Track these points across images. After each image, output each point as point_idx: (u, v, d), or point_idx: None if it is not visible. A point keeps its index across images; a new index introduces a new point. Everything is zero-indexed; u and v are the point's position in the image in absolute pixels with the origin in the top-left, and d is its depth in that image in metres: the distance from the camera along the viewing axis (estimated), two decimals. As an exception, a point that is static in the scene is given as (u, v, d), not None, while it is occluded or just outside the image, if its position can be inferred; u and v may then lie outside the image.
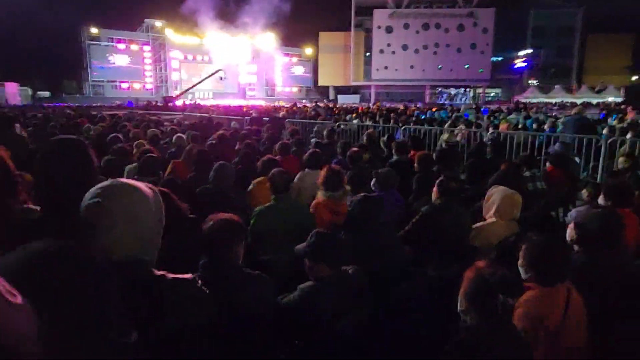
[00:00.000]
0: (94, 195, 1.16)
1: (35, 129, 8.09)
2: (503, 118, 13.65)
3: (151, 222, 1.23)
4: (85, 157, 1.50)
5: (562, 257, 2.00)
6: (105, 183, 1.20)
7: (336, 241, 2.21)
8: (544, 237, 2.05)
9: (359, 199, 2.80)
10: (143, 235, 1.19)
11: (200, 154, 4.76)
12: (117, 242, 1.14)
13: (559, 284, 1.95)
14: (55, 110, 19.55)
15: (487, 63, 63.52)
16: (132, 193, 1.19)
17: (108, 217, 1.12)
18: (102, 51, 53.94)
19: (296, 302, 2.09)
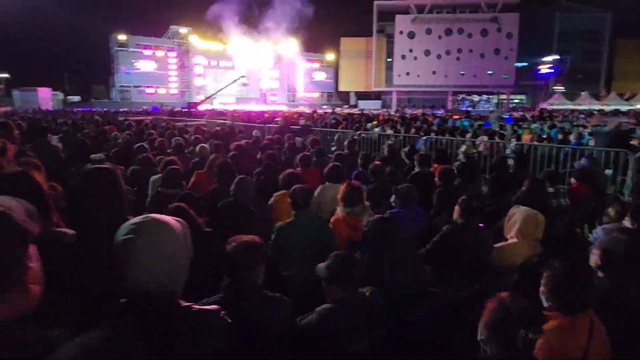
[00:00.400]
0: (127, 231, 1.24)
1: (65, 136, 8.38)
2: (527, 127, 13.42)
3: (180, 255, 1.30)
4: (116, 187, 1.58)
5: (586, 285, 1.96)
6: (138, 219, 1.28)
7: (352, 264, 2.23)
8: (566, 264, 2.02)
9: (374, 220, 2.82)
10: (172, 268, 1.26)
11: (222, 166, 4.84)
12: (147, 276, 1.21)
13: (581, 314, 1.92)
14: (84, 116, 20.16)
15: (511, 69, 62.49)
16: (162, 229, 1.26)
17: (140, 254, 1.20)
18: (129, 57, 55.46)
19: (313, 324, 2.12)
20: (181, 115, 22.98)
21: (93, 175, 1.62)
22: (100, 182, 1.58)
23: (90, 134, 9.30)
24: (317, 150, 6.75)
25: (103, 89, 62.05)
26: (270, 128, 13.11)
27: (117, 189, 1.61)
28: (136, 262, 1.20)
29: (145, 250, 1.20)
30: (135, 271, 1.20)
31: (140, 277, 1.21)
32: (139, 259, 1.20)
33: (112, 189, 1.60)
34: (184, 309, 1.28)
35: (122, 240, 1.22)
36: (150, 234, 1.22)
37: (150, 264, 1.21)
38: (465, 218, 3.19)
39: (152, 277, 1.21)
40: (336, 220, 3.63)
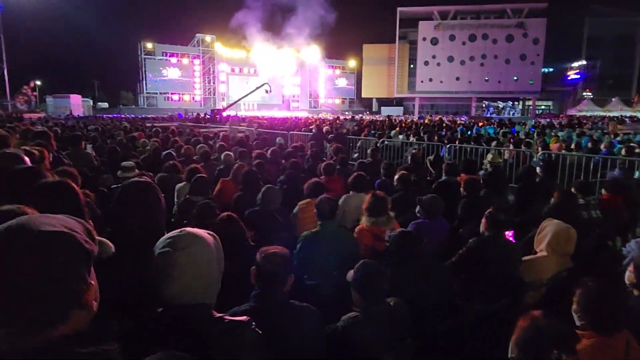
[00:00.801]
0: (164, 245, 1.30)
1: (97, 143, 8.65)
2: (555, 135, 13.11)
3: (213, 268, 1.35)
4: (155, 201, 1.64)
5: (620, 303, 1.92)
6: (174, 233, 1.33)
7: (378, 272, 2.24)
8: (600, 282, 1.98)
9: (397, 234, 2.81)
10: (206, 282, 1.32)
11: (246, 175, 4.91)
12: (184, 289, 1.27)
13: (616, 333, 1.87)
14: (113, 122, 20.77)
15: (537, 74, 61.24)
16: (197, 243, 1.31)
17: (177, 268, 1.26)
18: (156, 65, 56.88)
19: (338, 333, 2.13)
20: (206, 121, 23.40)
21: (133, 188, 1.67)
22: (140, 196, 1.63)
23: (120, 140, 9.58)
24: (341, 159, 6.76)
25: (131, 96, 63.86)
26: (294, 135, 13.22)
27: (156, 202, 1.66)
28: (173, 276, 1.26)
29: (181, 265, 1.26)
30: (171, 284, 1.26)
31: (177, 290, 1.26)
32: (176, 273, 1.25)
33: (152, 203, 1.64)
34: (217, 320, 1.33)
35: (159, 254, 1.28)
36: (186, 248, 1.28)
37: (186, 278, 1.26)
38: (492, 231, 3.15)
39: (188, 290, 1.26)
40: (361, 230, 3.64)
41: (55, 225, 0.86)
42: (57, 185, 1.74)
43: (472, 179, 4.82)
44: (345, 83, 74.12)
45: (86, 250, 0.87)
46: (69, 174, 3.09)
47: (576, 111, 50.28)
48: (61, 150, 5.68)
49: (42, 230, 0.83)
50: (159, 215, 1.65)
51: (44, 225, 0.84)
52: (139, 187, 1.63)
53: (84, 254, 0.87)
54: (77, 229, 0.90)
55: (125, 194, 1.63)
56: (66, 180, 1.74)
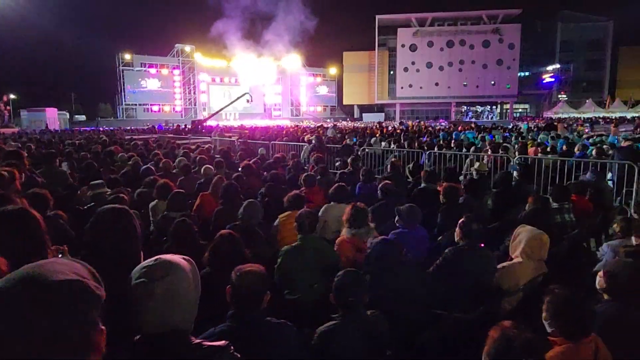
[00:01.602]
0: (139, 275, 1.29)
1: (71, 160, 8.49)
2: (532, 139, 13.41)
3: (190, 295, 1.34)
4: (130, 227, 1.62)
5: (587, 310, 1.97)
6: (150, 262, 1.33)
7: (357, 281, 2.26)
8: (567, 290, 2.03)
9: (377, 241, 2.84)
10: (183, 309, 1.31)
11: (226, 188, 4.89)
12: (161, 319, 1.26)
13: (585, 339, 1.92)
14: (90, 136, 20.41)
15: (514, 79, 62.70)
16: (174, 272, 1.31)
17: (153, 298, 1.26)
18: (135, 76, 56.23)
19: (316, 345, 2.14)
20: (186, 133, 23.20)
21: (107, 216, 1.64)
22: (114, 224, 1.61)
23: (97, 154, 9.42)
24: (321, 168, 6.79)
25: (109, 108, 62.90)
26: (276, 145, 13.21)
27: (130, 229, 1.64)
28: (149, 306, 1.25)
29: (157, 295, 1.25)
30: (148, 315, 1.26)
31: (153, 320, 1.26)
32: (152, 304, 1.25)
33: (126, 230, 1.62)
34: (196, 346, 1.33)
35: (134, 284, 1.28)
36: (162, 279, 1.27)
37: (163, 308, 1.26)
38: (467, 240, 3.19)
39: (166, 320, 1.26)
40: (341, 241, 3.65)
41: (66, 272, 0.86)
42: (13, 214, 1.70)
43: (451, 186, 4.90)
44: (327, 90, 74.49)
45: (97, 296, 0.88)
46: (39, 196, 3.03)
47: (552, 113, 51.51)
48: (35, 169, 5.58)
49: (55, 280, 0.83)
50: (134, 242, 1.63)
51: (57, 274, 0.84)
52: (113, 214, 1.60)
53: (95, 300, 0.88)
54: (85, 274, 0.90)
55: (99, 222, 1.60)
56: (25, 208, 1.70)
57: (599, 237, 5.34)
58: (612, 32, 63.45)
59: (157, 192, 5.04)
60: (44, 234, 1.65)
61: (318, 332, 2.16)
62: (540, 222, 3.43)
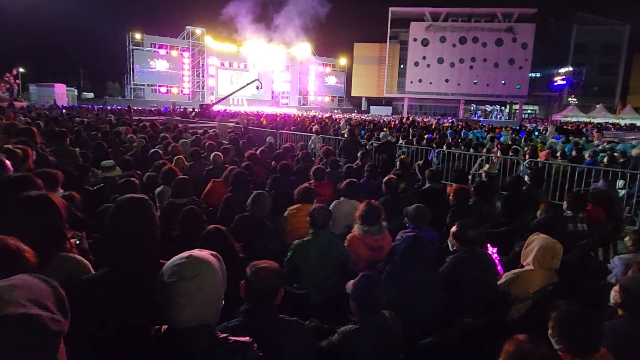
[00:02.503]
0: (171, 273, 1.30)
1: (80, 139, 8.49)
2: (542, 141, 13.30)
3: (219, 291, 1.37)
4: (149, 218, 1.58)
5: (595, 327, 1.92)
6: (180, 260, 1.32)
7: (377, 286, 2.25)
8: (573, 307, 1.99)
9: (409, 236, 2.85)
10: (211, 304, 1.34)
11: (237, 176, 4.87)
12: (190, 315, 1.28)
13: (594, 355, 1.90)
14: (99, 114, 20.41)
15: (525, 79, 62.10)
16: (205, 271, 1.32)
17: (185, 297, 1.27)
18: (144, 56, 56.01)
19: (334, 344, 2.14)
20: (194, 117, 23.15)
21: (127, 206, 1.60)
22: (134, 215, 1.57)
23: (105, 134, 9.42)
24: (332, 161, 6.75)
25: (117, 87, 62.80)
26: (283, 134, 13.16)
27: (150, 219, 1.61)
28: (181, 305, 1.27)
29: (189, 294, 1.27)
30: (179, 312, 1.27)
31: (185, 318, 1.28)
32: (185, 302, 1.27)
33: (146, 221, 1.59)
34: (222, 340, 1.35)
35: (166, 283, 1.29)
36: (194, 278, 1.29)
37: (195, 306, 1.28)
38: (465, 248, 3.17)
39: (195, 316, 1.28)
40: (352, 238, 3.63)
41: (21, 303, 0.75)
42: (35, 201, 1.66)
43: (462, 188, 4.86)
44: (335, 81, 74.07)
45: (53, 333, 0.77)
46: (49, 176, 3.00)
47: (561, 117, 51.07)
48: (46, 146, 5.57)
49: (6, 314, 0.73)
50: (154, 232, 1.60)
51: (9, 307, 0.74)
52: (133, 204, 1.57)
53: (51, 338, 0.77)
54: (47, 299, 0.80)
55: (119, 213, 1.57)
56: (47, 195, 1.67)
57: (607, 246, 5.30)
58: (627, 37, 62.53)
59: (162, 177, 5.03)
60: (63, 222, 1.63)
61: (339, 333, 2.16)
62: (554, 231, 3.39)
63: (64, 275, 1.54)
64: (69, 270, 1.57)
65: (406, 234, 2.90)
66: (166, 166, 5.33)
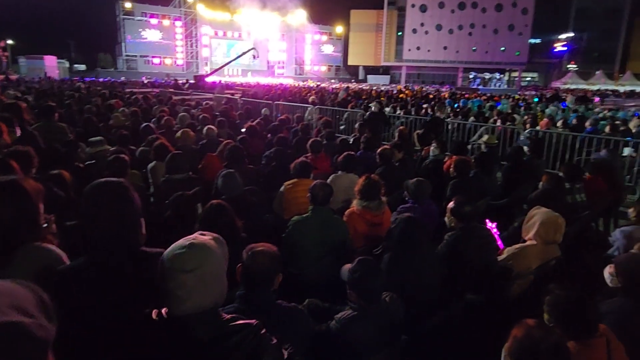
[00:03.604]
0: (172, 264, 1.22)
1: (70, 113, 8.28)
2: (541, 110, 13.12)
3: (222, 277, 1.31)
4: (126, 203, 1.45)
5: (589, 310, 1.87)
6: (181, 249, 1.23)
7: (377, 272, 2.16)
8: (567, 291, 1.92)
9: (403, 218, 2.74)
10: (215, 291, 1.28)
11: (232, 150, 4.75)
12: (191, 304, 1.22)
13: (594, 337, 1.84)
14: (90, 87, 19.98)
15: (524, 45, 60.94)
16: (207, 261, 1.24)
17: (185, 289, 1.20)
18: (135, 26, 54.46)
19: (333, 333, 2.07)
20: (188, 89, 22.70)
21: (99, 193, 1.47)
22: (109, 201, 1.45)
23: (97, 108, 9.20)
24: (328, 133, 6.61)
25: (109, 58, 61.25)
26: (279, 106, 12.92)
27: (129, 205, 1.49)
28: (180, 295, 1.21)
29: (190, 286, 1.21)
30: (179, 304, 1.21)
31: (185, 306, 1.22)
32: (185, 295, 1.21)
33: (123, 207, 1.47)
34: (227, 323, 1.29)
35: (166, 272, 1.22)
36: (194, 270, 1.21)
37: (195, 296, 1.22)
38: (462, 223, 3.08)
39: (197, 304, 1.23)
40: (351, 213, 3.55)
41: (2, 310, 0.67)
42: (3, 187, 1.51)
43: (463, 159, 4.75)
44: (332, 50, 72.56)
45: (40, 341, 0.70)
46: (24, 157, 2.84)
47: (561, 84, 50.48)
48: (36, 122, 5.38)
49: None
50: (132, 218, 1.49)
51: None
52: (108, 189, 1.44)
53: (38, 346, 0.70)
54: (30, 305, 0.72)
55: (93, 199, 1.45)
56: (16, 180, 1.53)
57: (608, 217, 5.26)
58: (629, 1, 60.94)
59: (154, 153, 4.90)
60: (36, 210, 1.51)
61: (337, 322, 2.08)
62: (555, 204, 3.31)
63: (35, 266, 1.44)
64: (41, 261, 1.47)
65: (400, 216, 2.79)
66: (158, 141, 5.19)
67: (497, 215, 4.52)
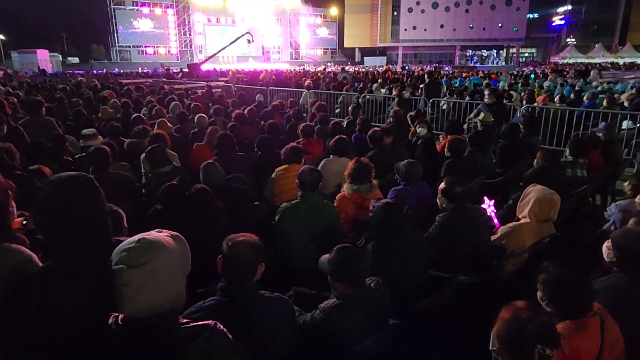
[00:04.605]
0: (119, 259, 1.15)
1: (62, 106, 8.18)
2: (539, 87, 12.95)
3: (177, 278, 1.22)
4: (89, 199, 1.37)
5: (584, 289, 1.83)
6: (131, 244, 1.17)
7: (358, 259, 2.10)
8: (561, 269, 1.87)
9: (380, 206, 2.66)
10: (167, 293, 1.19)
11: (221, 139, 4.67)
12: (141, 305, 1.15)
13: (587, 315, 1.80)
14: (82, 80, 19.77)
15: (522, 21, 59.91)
16: (157, 257, 1.16)
17: (132, 287, 1.13)
18: (127, 16, 53.72)
19: (317, 324, 2.02)
20: (182, 77, 22.47)
21: (63, 190, 1.35)
22: (73, 198, 1.34)
23: (89, 101, 9.09)
24: (322, 117, 6.51)
25: (102, 50, 60.55)
26: (274, 91, 12.78)
27: (95, 202, 1.39)
28: (128, 295, 1.13)
29: (137, 284, 1.13)
30: (127, 303, 1.14)
31: (135, 308, 1.15)
32: (131, 293, 1.13)
33: (89, 204, 1.37)
34: (181, 326, 1.23)
35: (114, 270, 1.15)
36: (142, 266, 1.13)
37: (145, 296, 1.14)
38: (454, 204, 3.02)
39: (148, 306, 1.15)
40: (342, 198, 3.50)
41: None
42: None
43: (457, 139, 4.67)
44: (327, 33, 71.55)
45: None
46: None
47: (559, 58, 49.91)
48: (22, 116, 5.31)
49: None
50: (97, 214, 1.40)
51: None
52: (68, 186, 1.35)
53: None
54: None
55: (52, 197, 1.35)
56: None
57: (605, 191, 5.20)
58: (629, -30, 59.78)
59: (150, 142, 4.81)
60: (3, 210, 1.46)
61: (321, 311, 2.03)
62: (550, 180, 3.26)
63: (7, 269, 1.38)
64: (8, 263, 1.41)
65: (377, 203, 2.72)
66: (154, 132, 5.12)
67: (492, 193, 4.48)
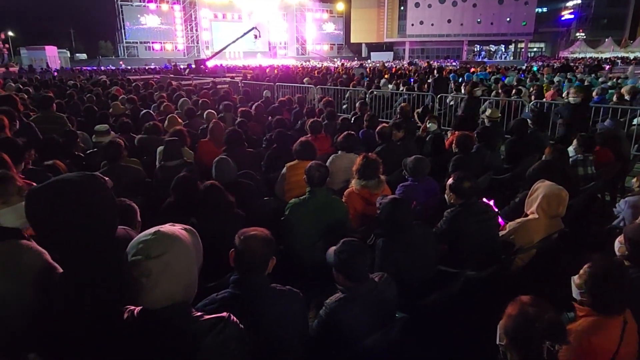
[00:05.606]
0: (136, 251, 1.18)
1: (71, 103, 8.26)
2: (548, 81, 12.85)
3: (191, 269, 1.26)
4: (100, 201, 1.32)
5: (626, 288, 1.81)
6: (147, 237, 1.20)
7: (363, 253, 2.12)
8: (609, 263, 1.86)
9: (387, 202, 2.68)
10: (182, 284, 1.23)
11: (230, 135, 4.70)
12: (158, 296, 1.18)
13: (616, 316, 1.80)
14: (91, 76, 19.90)
15: (531, 15, 59.25)
16: (173, 249, 1.20)
17: (151, 278, 1.16)
18: (134, 12, 53.88)
19: (322, 319, 2.05)
20: (189, 73, 22.55)
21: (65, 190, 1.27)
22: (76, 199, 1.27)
23: (98, 97, 9.17)
24: (329, 112, 6.53)
25: (110, 46, 60.86)
26: (281, 87, 12.79)
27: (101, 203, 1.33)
28: (146, 286, 1.17)
29: (155, 274, 1.16)
30: (145, 294, 1.18)
31: (151, 298, 1.19)
32: (150, 283, 1.16)
33: (95, 204, 1.31)
34: (195, 320, 1.26)
35: (130, 262, 1.18)
36: (159, 256, 1.17)
37: (162, 286, 1.18)
38: (462, 200, 3.02)
39: (164, 297, 1.19)
40: (350, 193, 3.52)
41: None
42: None
43: (465, 135, 4.67)
44: (334, 28, 71.29)
45: None
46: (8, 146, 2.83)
47: (569, 53, 49.36)
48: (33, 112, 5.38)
49: None
50: (108, 218, 1.36)
51: None
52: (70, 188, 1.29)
53: None
54: None
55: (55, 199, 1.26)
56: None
57: (614, 188, 5.18)
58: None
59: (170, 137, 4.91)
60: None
61: (326, 307, 2.06)
62: (555, 176, 3.25)
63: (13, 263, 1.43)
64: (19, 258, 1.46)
65: (383, 200, 2.73)
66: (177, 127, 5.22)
67: (500, 190, 4.48)
